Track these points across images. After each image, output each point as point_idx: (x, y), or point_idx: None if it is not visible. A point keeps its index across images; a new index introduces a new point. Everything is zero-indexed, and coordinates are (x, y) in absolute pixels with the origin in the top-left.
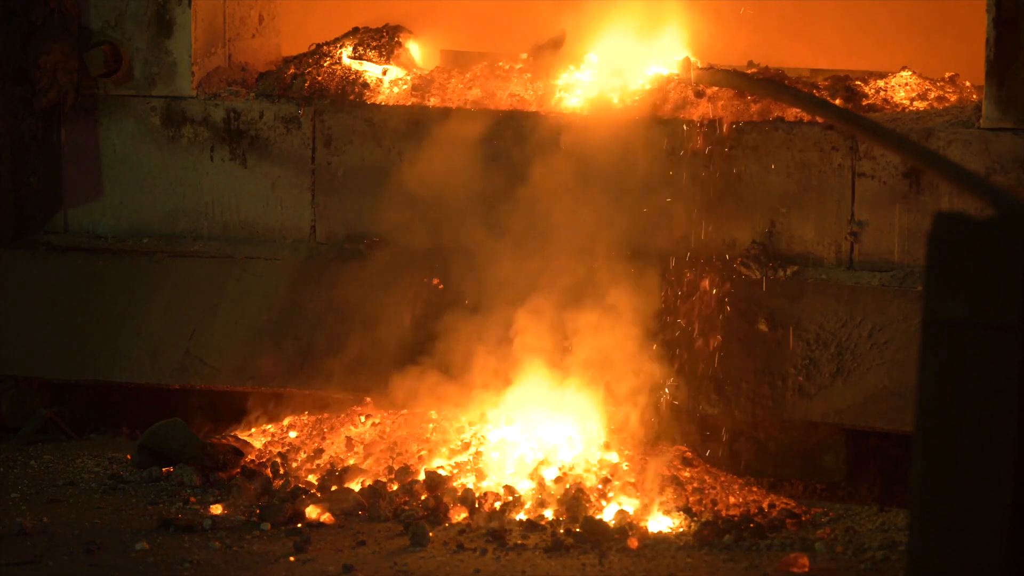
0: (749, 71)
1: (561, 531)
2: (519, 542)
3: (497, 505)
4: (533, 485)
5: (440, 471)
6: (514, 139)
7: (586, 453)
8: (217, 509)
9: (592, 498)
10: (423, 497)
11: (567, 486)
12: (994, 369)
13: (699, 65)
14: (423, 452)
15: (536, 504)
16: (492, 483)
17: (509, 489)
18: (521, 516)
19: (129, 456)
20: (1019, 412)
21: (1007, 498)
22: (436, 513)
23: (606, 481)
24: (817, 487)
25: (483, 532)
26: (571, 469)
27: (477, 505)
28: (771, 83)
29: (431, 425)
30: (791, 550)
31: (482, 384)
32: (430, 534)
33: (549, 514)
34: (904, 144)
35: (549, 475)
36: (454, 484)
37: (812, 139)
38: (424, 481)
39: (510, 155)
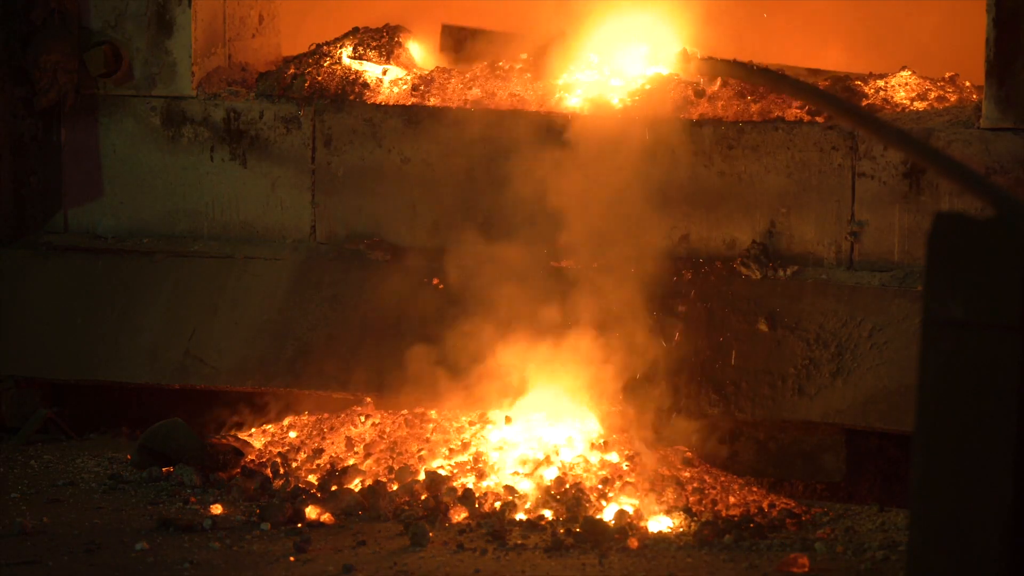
0: None
1: (561, 531)
2: (519, 542)
3: (497, 505)
4: (533, 485)
5: (440, 471)
6: (513, 139)
7: (586, 453)
8: (217, 509)
9: (592, 498)
10: (423, 497)
11: (567, 486)
12: (994, 369)
13: (698, 55)
14: (423, 452)
15: (536, 504)
16: (492, 483)
17: (509, 489)
18: (521, 516)
19: (129, 456)
20: (1019, 412)
21: (1007, 498)
22: (436, 513)
23: (606, 481)
24: (817, 487)
25: (483, 532)
26: (571, 469)
27: (477, 505)
28: (770, 73)
29: (431, 425)
30: (791, 550)
31: (479, 394)
32: (430, 534)
33: (549, 514)
34: (904, 138)
35: (549, 475)
36: (454, 484)
37: (812, 139)
38: (424, 481)
39: (509, 156)
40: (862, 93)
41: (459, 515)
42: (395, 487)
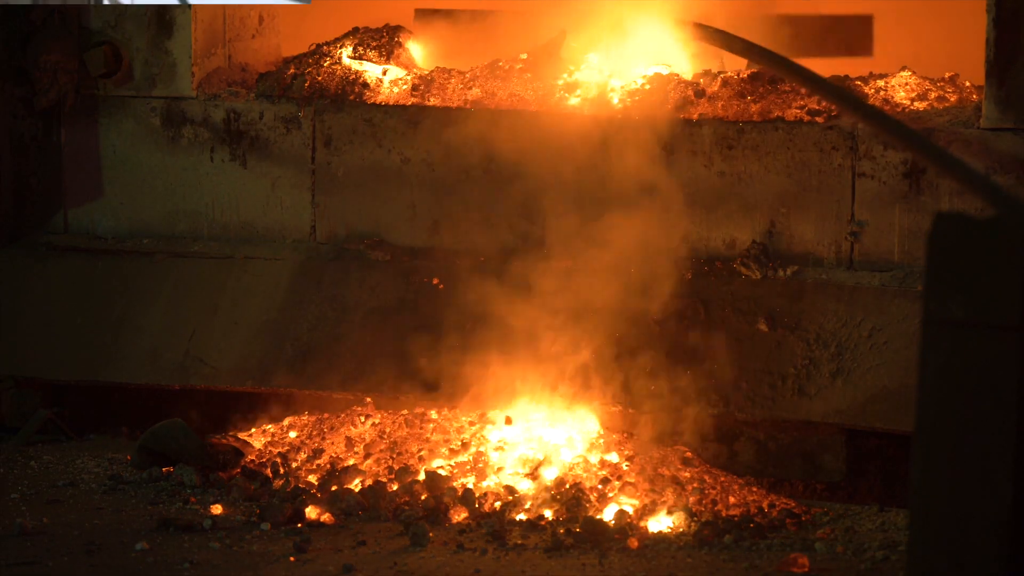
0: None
1: (561, 531)
2: (519, 542)
3: (497, 505)
4: (533, 485)
5: (440, 471)
6: (513, 140)
7: (586, 453)
8: (217, 509)
9: (592, 498)
10: (423, 497)
11: (567, 486)
12: (994, 369)
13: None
14: (423, 452)
15: (536, 504)
16: (492, 483)
17: (509, 489)
18: (521, 516)
19: (129, 456)
20: (1019, 412)
21: (1007, 498)
22: (436, 513)
23: (606, 481)
24: (817, 487)
25: (483, 532)
26: (571, 469)
27: (477, 505)
28: (765, 51)
29: (431, 425)
30: (791, 550)
31: (475, 393)
32: (430, 534)
33: (549, 514)
34: (904, 131)
35: (549, 475)
36: (454, 484)
37: (812, 139)
38: (424, 481)
39: (508, 156)
40: (862, 93)
41: (459, 515)
42: (395, 487)
